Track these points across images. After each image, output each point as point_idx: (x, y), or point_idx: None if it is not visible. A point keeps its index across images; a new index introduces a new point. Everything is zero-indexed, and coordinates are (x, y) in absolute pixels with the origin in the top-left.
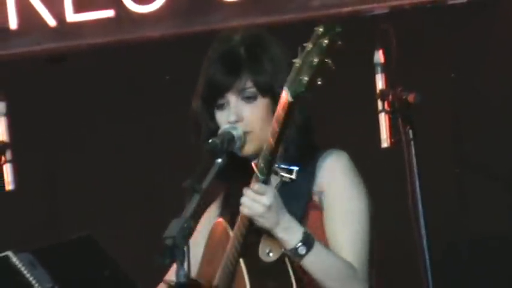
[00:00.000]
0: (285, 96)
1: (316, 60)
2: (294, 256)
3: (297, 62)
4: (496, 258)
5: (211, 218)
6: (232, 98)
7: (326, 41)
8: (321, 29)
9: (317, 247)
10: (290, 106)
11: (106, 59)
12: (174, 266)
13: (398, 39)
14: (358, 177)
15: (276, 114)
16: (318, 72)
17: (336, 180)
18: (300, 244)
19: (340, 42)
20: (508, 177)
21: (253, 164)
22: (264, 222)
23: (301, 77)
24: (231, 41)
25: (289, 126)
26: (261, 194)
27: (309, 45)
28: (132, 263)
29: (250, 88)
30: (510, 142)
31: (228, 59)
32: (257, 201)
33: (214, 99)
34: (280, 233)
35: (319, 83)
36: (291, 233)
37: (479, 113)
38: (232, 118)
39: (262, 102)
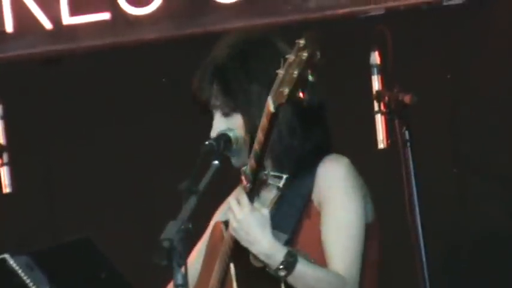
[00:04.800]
0: (269, 106)
1: (295, 72)
2: (275, 275)
3: (280, 73)
4: (495, 258)
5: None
6: (215, 113)
7: (305, 54)
8: (302, 41)
9: (298, 268)
10: (272, 116)
11: (102, 61)
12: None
13: (394, 41)
14: (356, 185)
15: (261, 123)
16: (298, 84)
17: (333, 187)
18: (281, 267)
19: (319, 56)
20: (507, 177)
21: (241, 171)
22: (236, 235)
23: (282, 89)
24: (209, 58)
25: (274, 134)
26: (239, 206)
27: (291, 57)
28: (129, 264)
29: (222, 105)
30: (508, 142)
31: (202, 78)
32: (233, 212)
33: (205, 110)
34: (259, 255)
35: (301, 95)
36: (271, 259)
37: (476, 113)
38: (213, 134)
39: (236, 118)
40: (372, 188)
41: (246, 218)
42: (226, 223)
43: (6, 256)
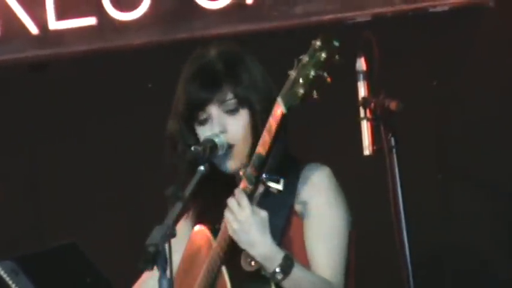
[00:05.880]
0: (279, 107)
1: (312, 73)
2: (271, 278)
3: (292, 74)
4: (479, 265)
5: (187, 227)
6: (214, 111)
7: (324, 55)
8: (318, 43)
9: (294, 271)
10: (283, 117)
11: (89, 66)
12: (144, 276)
13: (380, 47)
14: (339, 193)
15: (268, 124)
16: (314, 85)
17: (317, 195)
18: (278, 270)
19: (337, 57)
20: (491, 183)
21: (240, 173)
22: (235, 236)
23: (296, 90)
24: (206, 57)
25: (280, 137)
26: (240, 207)
27: (305, 58)
28: (115, 269)
29: (231, 99)
30: (493, 148)
31: (207, 73)
32: (234, 213)
33: (195, 114)
34: (258, 257)
35: (315, 96)
36: (269, 261)
37: (461, 120)
38: (217, 129)
39: (243, 114)
40: (357, 194)
41: (247, 220)
42: (213, 231)
43: None
